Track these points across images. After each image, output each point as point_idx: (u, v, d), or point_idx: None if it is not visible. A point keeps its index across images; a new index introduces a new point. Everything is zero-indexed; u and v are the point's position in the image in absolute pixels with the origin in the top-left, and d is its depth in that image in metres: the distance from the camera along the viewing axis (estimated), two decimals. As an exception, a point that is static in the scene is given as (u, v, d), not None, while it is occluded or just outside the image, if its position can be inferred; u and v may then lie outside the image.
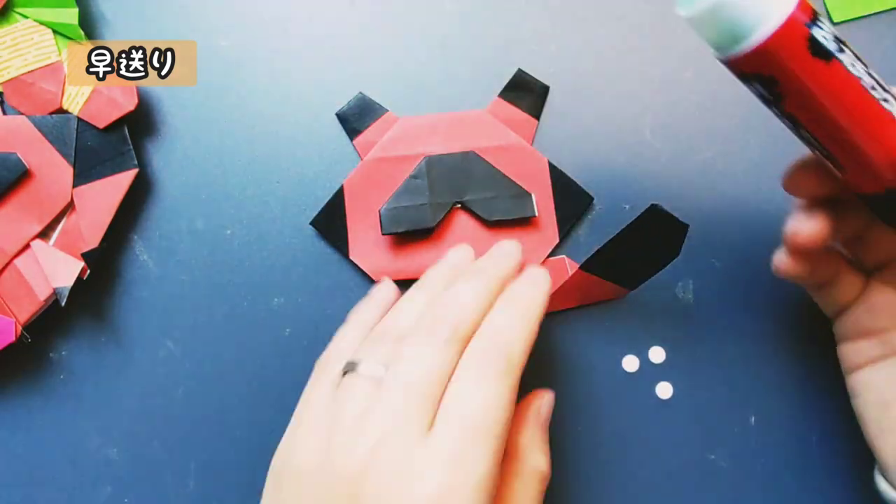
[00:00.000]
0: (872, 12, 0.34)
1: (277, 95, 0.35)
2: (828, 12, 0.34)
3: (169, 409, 0.33)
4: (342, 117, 0.34)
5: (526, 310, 0.26)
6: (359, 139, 0.34)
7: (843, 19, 0.34)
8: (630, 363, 0.33)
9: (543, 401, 0.29)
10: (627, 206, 0.34)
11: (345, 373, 0.26)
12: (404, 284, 0.31)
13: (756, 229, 0.34)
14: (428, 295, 0.28)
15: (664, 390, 0.33)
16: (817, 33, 0.20)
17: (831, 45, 0.21)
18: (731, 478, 0.33)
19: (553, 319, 0.34)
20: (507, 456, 0.27)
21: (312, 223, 0.34)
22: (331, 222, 0.34)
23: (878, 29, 0.34)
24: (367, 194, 0.34)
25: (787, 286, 0.33)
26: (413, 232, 0.33)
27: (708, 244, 0.34)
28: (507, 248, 0.30)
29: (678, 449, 0.33)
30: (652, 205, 0.28)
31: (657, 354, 0.33)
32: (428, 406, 0.24)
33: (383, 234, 0.33)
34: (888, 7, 0.34)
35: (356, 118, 0.34)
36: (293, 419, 0.27)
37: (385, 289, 0.31)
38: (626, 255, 0.31)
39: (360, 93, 0.34)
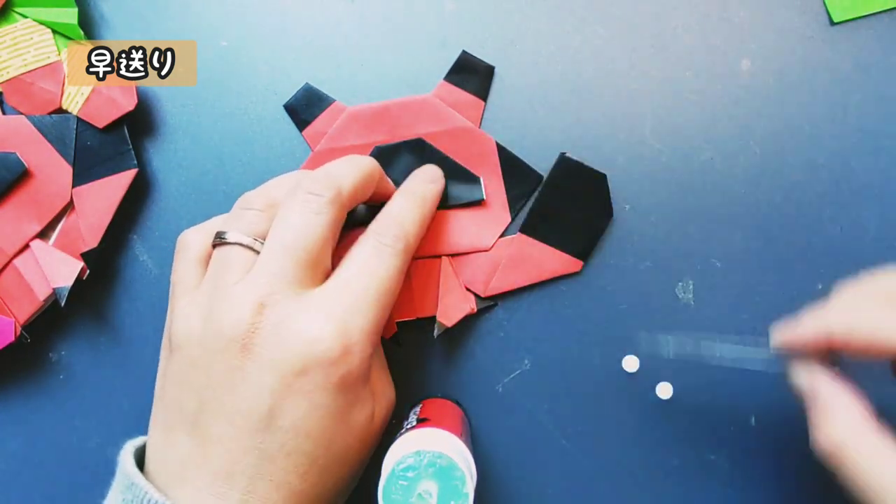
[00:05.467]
0: (872, 12, 0.34)
1: (277, 95, 0.34)
2: (828, 12, 0.34)
3: (168, 409, 0.33)
4: (290, 109, 0.34)
5: (422, 200, 0.30)
6: (308, 130, 0.34)
7: (843, 19, 0.34)
8: (630, 363, 0.33)
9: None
10: (627, 207, 0.34)
11: (214, 245, 0.27)
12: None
13: (756, 229, 0.34)
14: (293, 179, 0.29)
15: (664, 390, 0.33)
16: None
17: None
18: (731, 478, 0.33)
19: (553, 320, 0.34)
20: None
21: None
22: None
23: (878, 29, 0.34)
24: None
25: (787, 287, 0.33)
26: (365, 223, 0.33)
27: (708, 244, 0.34)
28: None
29: (678, 449, 0.33)
30: (561, 154, 0.28)
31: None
32: (309, 267, 0.26)
33: None
34: (888, 7, 0.34)
35: (304, 109, 0.34)
36: (170, 301, 0.28)
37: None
38: (559, 213, 0.33)
39: (307, 83, 0.34)
